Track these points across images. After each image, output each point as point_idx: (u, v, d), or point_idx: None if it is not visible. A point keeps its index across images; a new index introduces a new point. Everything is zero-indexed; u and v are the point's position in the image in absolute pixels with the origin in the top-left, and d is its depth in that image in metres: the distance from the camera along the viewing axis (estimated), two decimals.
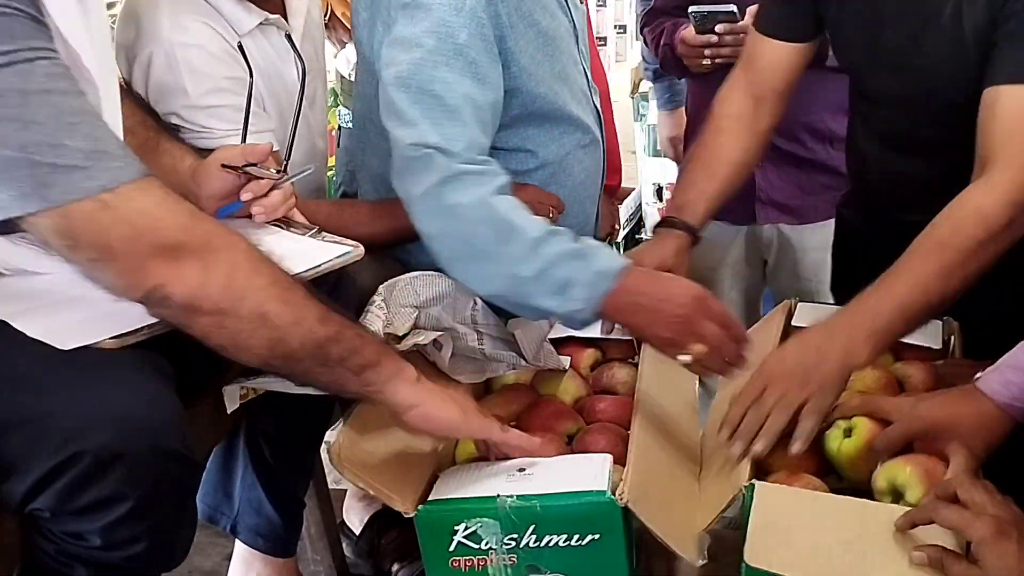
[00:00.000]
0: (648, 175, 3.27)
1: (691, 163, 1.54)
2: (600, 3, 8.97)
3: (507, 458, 1.24)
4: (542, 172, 1.58)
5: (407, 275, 1.45)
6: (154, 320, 1.07)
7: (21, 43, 0.95)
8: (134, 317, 1.06)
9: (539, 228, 1.30)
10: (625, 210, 3.07)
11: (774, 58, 1.52)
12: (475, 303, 1.45)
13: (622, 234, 3.03)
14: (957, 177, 1.29)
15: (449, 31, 1.35)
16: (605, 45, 9.11)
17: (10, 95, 0.94)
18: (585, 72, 1.64)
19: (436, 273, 1.43)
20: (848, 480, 1.23)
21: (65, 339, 1.04)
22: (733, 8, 1.77)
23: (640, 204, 3.31)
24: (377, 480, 1.20)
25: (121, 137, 1.11)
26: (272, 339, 1.06)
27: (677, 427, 1.40)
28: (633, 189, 3.27)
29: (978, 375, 1.18)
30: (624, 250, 2.99)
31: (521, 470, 1.16)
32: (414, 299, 1.43)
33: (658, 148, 3.16)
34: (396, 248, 1.54)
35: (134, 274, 1.00)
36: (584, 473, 1.17)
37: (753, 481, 1.15)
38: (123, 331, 1.06)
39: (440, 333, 1.41)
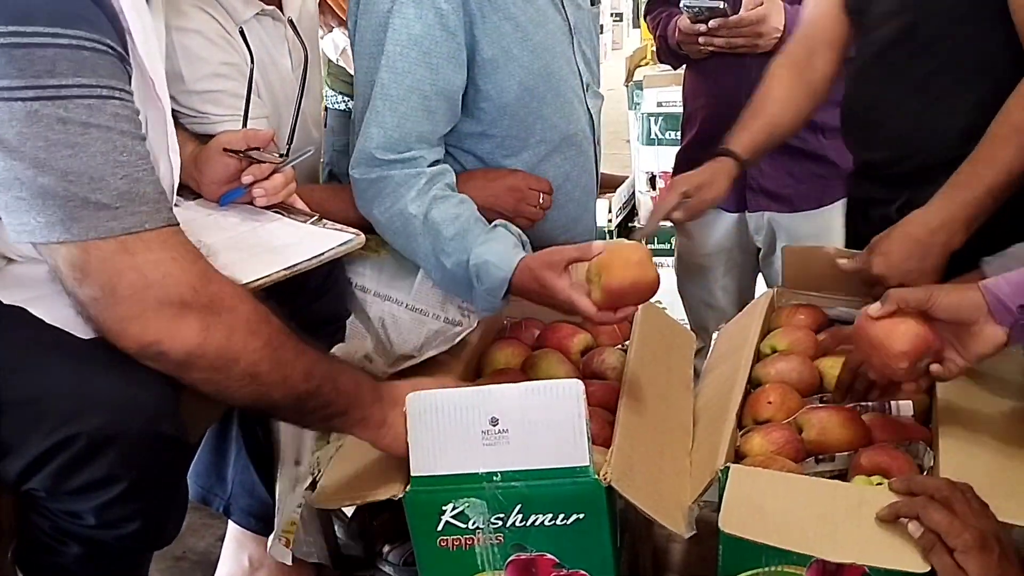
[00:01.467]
0: (641, 164, 3.27)
1: (746, 112, 1.66)
2: None
3: None
4: None
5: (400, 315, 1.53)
6: None
7: (101, 80, 1.01)
8: None
9: (439, 239, 1.43)
10: (618, 198, 3.08)
11: (819, 9, 1.63)
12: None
13: (616, 222, 3.04)
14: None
15: (405, 22, 1.41)
16: (601, 33, 9.12)
17: (72, 125, 0.99)
18: (580, 72, 1.64)
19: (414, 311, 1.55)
20: None
21: (85, 328, 1.07)
22: (722, 4, 1.80)
23: (633, 192, 3.31)
24: (362, 491, 1.25)
25: (177, 159, 1.17)
26: (258, 393, 1.10)
27: (669, 406, 1.42)
28: (627, 177, 3.28)
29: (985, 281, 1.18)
30: (617, 238, 3.01)
31: (494, 423, 1.15)
32: (410, 345, 1.52)
33: (652, 137, 3.17)
34: None
35: (133, 323, 1.03)
36: (561, 431, 1.16)
37: (728, 464, 1.17)
38: None
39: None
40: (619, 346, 1.58)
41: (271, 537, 1.33)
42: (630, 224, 3.27)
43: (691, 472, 1.29)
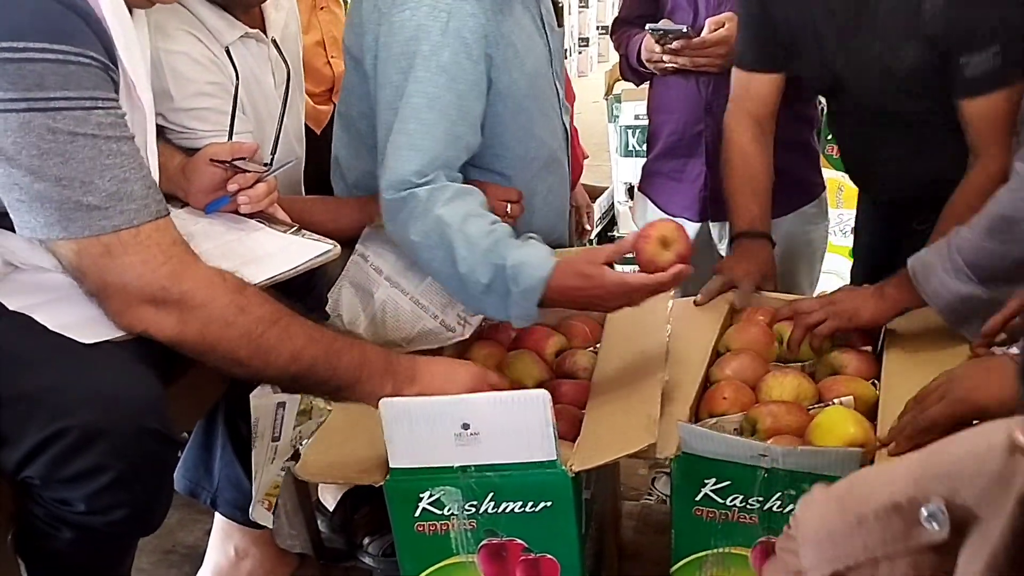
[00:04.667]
0: (620, 175, 3.35)
1: (738, 189, 1.81)
2: (583, 4, 9.03)
3: None
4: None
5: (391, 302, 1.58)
6: None
7: (84, 92, 1.10)
8: None
9: (476, 248, 1.42)
10: (598, 208, 3.16)
11: (760, 88, 1.79)
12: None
13: (595, 231, 3.12)
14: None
15: (433, 49, 1.44)
16: (588, 46, 9.18)
17: (60, 134, 1.08)
18: (558, 92, 1.73)
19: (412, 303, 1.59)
20: None
21: (85, 334, 1.15)
22: (685, 28, 1.88)
23: (613, 203, 3.39)
24: (345, 472, 1.31)
25: (155, 161, 1.25)
26: (248, 373, 1.24)
27: (636, 402, 1.47)
28: (606, 188, 3.35)
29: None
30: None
31: (466, 427, 1.21)
32: (402, 333, 1.58)
33: (630, 148, 3.25)
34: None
35: (124, 315, 1.16)
36: (530, 435, 1.22)
37: (679, 452, 1.24)
38: None
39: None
40: (590, 348, 1.63)
41: (252, 502, 1.39)
42: (609, 233, 3.34)
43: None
